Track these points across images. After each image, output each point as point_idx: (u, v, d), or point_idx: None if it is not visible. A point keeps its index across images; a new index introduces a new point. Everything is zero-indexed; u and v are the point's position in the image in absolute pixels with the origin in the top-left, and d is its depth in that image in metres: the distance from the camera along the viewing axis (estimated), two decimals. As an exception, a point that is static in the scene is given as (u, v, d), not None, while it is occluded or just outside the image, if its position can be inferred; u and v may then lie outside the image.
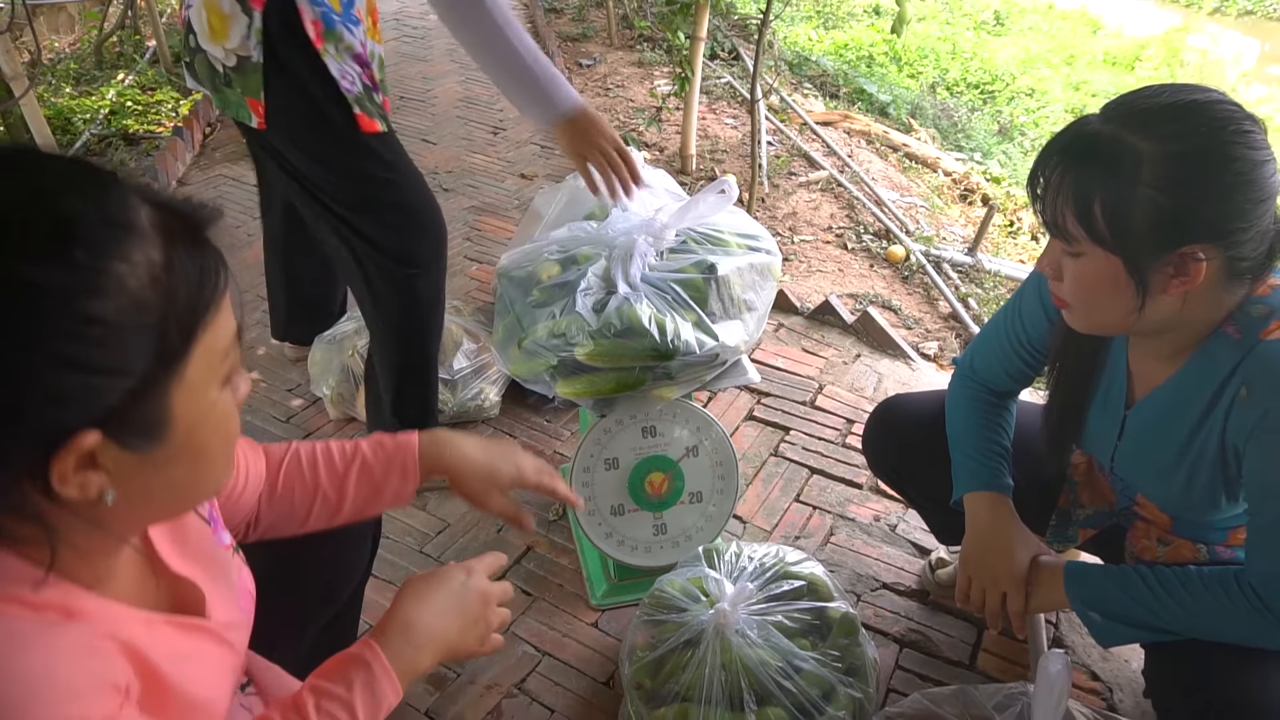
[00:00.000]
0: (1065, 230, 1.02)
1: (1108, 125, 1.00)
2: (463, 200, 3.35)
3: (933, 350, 2.67)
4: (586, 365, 1.47)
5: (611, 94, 4.39)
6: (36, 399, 0.55)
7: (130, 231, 0.57)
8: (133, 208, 0.58)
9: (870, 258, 3.25)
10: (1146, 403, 1.19)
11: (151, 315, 0.57)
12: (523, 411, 2.25)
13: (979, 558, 1.34)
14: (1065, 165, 1.02)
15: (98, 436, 0.57)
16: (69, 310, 0.54)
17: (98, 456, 0.58)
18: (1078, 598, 1.21)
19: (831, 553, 1.85)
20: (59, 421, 0.56)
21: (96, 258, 0.55)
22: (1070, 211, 1.01)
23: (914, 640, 1.66)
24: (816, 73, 5.45)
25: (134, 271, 0.56)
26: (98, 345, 0.55)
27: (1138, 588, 1.14)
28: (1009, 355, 1.38)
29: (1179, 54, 9.26)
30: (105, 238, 0.56)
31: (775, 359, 2.46)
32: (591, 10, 5.65)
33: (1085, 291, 1.06)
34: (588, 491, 1.62)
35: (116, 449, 0.59)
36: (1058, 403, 1.31)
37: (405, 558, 1.83)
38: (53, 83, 4.17)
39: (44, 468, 0.57)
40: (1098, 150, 0.99)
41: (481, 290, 2.75)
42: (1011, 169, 4.94)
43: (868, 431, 1.62)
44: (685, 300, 1.50)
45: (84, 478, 0.59)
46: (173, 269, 0.58)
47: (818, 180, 3.69)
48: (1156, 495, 1.26)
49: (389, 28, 5.39)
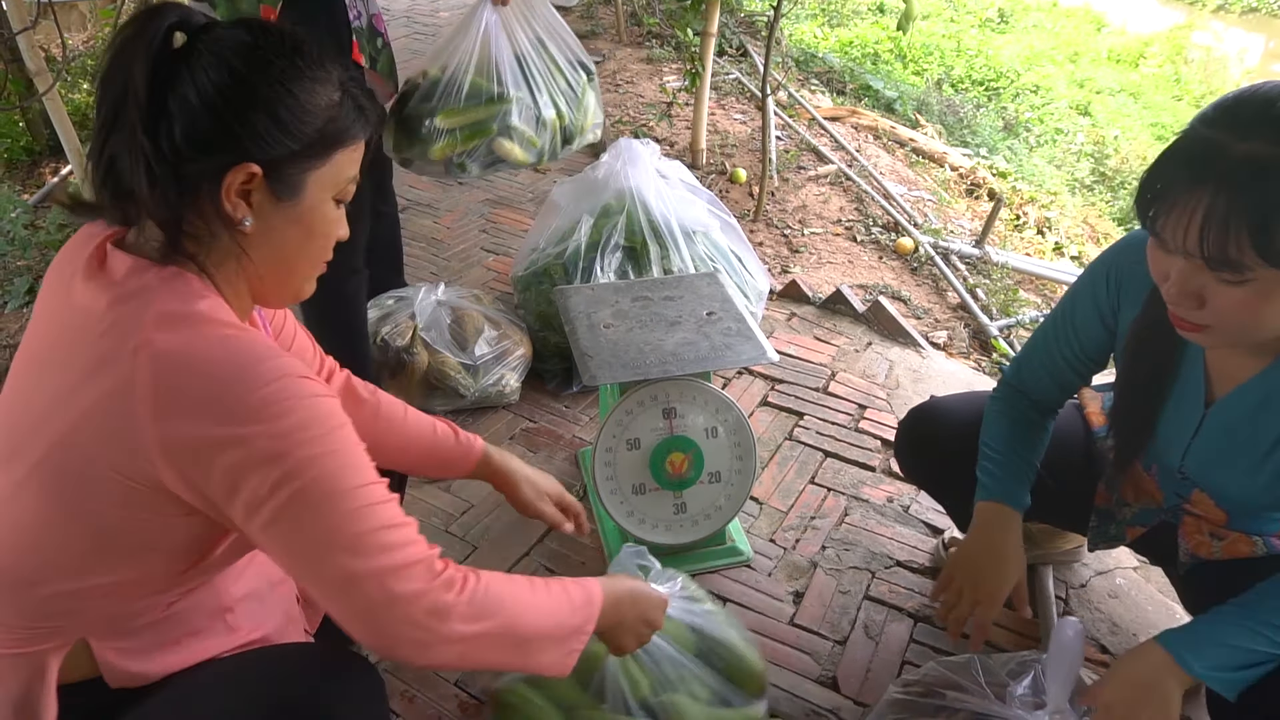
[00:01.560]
0: (1236, 261, 0.94)
1: (1261, 146, 0.92)
2: (478, 194, 3.40)
3: (942, 339, 2.72)
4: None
5: (621, 90, 4.43)
6: (247, 128, 0.84)
7: (328, 76, 0.89)
8: (331, 69, 0.90)
9: (879, 250, 3.29)
10: (1231, 400, 1.17)
11: (320, 119, 0.88)
12: (542, 397, 2.30)
13: (970, 562, 1.34)
14: (1231, 197, 0.93)
15: (259, 171, 0.86)
16: (286, 85, 0.85)
17: (252, 191, 0.86)
18: (1197, 665, 1.10)
19: (846, 532, 1.90)
20: (250, 146, 0.84)
21: (308, 69, 0.88)
22: (1247, 242, 0.93)
23: (928, 615, 1.71)
24: (823, 69, 5.49)
25: (322, 89, 0.89)
26: (290, 111, 0.86)
27: (1246, 623, 1.10)
28: (1060, 366, 1.37)
29: (1183, 51, 9.30)
30: (315, 65, 0.88)
31: (789, 347, 2.51)
32: (600, 7, 5.70)
33: (1245, 314, 0.99)
34: (610, 470, 1.67)
35: (265, 190, 0.87)
36: (1129, 410, 1.28)
37: (431, 536, 1.84)
38: (69, 79, 4.21)
39: (219, 181, 0.84)
40: (1265, 172, 0.92)
41: (499, 281, 2.80)
42: (1017, 164, 4.99)
43: (900, 439, 1.62)
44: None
45: (237, 202, 0.86)
46: (342, 105, 0.90)
47: (826, 174, 3.73)
48: (1229, 492, 1.24)
49: (399, 25, 5.44)
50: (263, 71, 0.84)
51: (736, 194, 3.52)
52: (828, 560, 1.83)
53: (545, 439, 2.18)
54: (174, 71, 0.83)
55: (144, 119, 0.81)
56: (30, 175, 3.71)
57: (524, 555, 1.84)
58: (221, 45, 0.84)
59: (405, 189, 3.49)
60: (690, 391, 1.66)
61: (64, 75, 4.04)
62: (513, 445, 2.15)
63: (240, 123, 0.83)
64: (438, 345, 2.21)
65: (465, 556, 1.83)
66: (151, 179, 0.83)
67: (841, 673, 1.59)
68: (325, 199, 0.92)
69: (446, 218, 3.27)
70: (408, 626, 0.85)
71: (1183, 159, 0.98)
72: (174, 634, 0.95)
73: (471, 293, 2.42)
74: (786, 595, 1.76)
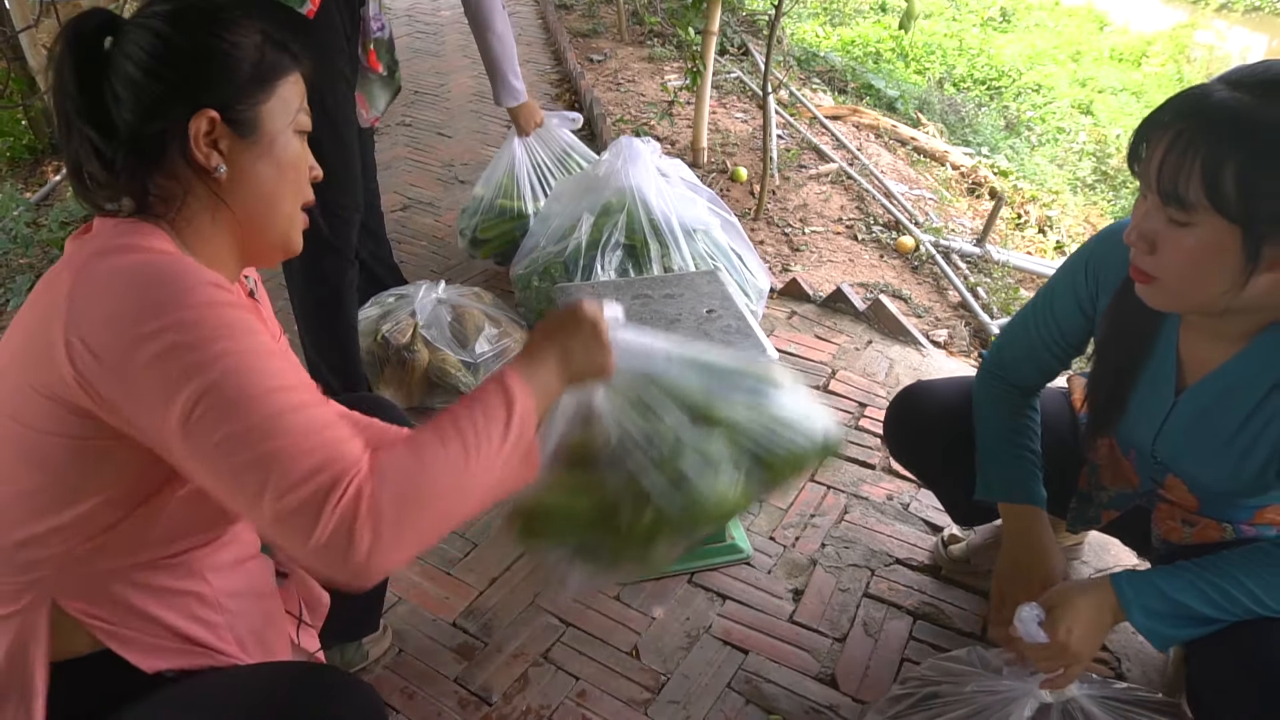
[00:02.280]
0: (1183, 198, 0.98)
1: (1240, 95, 0.97)
2: (478, 192, 3.40)
3: (943, 337, 2.72)
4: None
5: (623, 89, 4.44)
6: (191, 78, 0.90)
7: (247, 22, 0.95)
8: (246, 18, 0.96)
9: (880, 248, 3.29)
10: (1202, 387, 1.19)
11: (253, 54, 0.94)
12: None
13: (1013, 574, 1.35)
14: (1195, 132, 0.97)
15: (217, 115, 0.91)
16: (213, 32, 0.92)
17: (217, 137, 0.91)
18: (1136, 605, 1.16)
19: (846, 530, 1.90)
20: (197, 93, 0.90)
21: (226, 15, 0.94)
22: (1197, 178, 0.97)
23: (927, 613, 1.71)
24: (824, 68, 5.49)
25: (243, 30, 0.94)
26: (223, 54, 0.92)
27: (1197, 583, 1.13)
28: (1039, 351, 1.39)
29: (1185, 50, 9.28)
30: (229, 12, 0.94)
31: (789, 345, 2.51)
32: (601, 7, 5.70)
33: (1187, 264, 1.03)
34: (610, 468, 1.67)
35: (227, 134, 0.92)
36: (1102, 391, 1.31)
37: None
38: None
39: (184, 132, 0.89)
40: (1236, 119, 0.96)
41: (500, 279, 2.80)
42: (1019, 163, 4.98)
43: (888, 419, 1.63)
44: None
45: (209, 151, 0.91)
46: (266, 43, 0.96)
47: (828, 173, 3.73)
48: (1199, 477, 1.26)
49: (402, 24, 5.45)
50: (188, 27, 0.91)
51: (737, 192, 3.52)
52: (827, 558, 1.83)
53: (545, 437, 2.18)
54: (108, 58, 0.89)
55: (78, 109, 0.88)
56: (33, 173, 3.71)
57: (524, 553, 1.84)
58: (143, 20, 0.91)
59: (407, 187, 3.49)
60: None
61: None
62: (513, 443, 2.16)
63: (183, 75, 0.90)
64: (438, 343, 2.22)
65: (465, 554, 1.84)
66: (103, 160, 0.89)
67: (840, 670, 1.60)
68: (284, 130, 0.97)
69: (448, 215, 3.28)
70: (329, 549, 0.76)
71: (1176, 99, 1.02)
72: (149, 607, 0.94)
73: (472, 290, 2.42)
74: (786, 593, 1.76)
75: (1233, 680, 1.12)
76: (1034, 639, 1.19)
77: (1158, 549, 1.39)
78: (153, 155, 0.90)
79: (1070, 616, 1.18)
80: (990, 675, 1.30)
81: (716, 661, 1.61)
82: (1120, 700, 1.27)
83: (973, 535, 1.80)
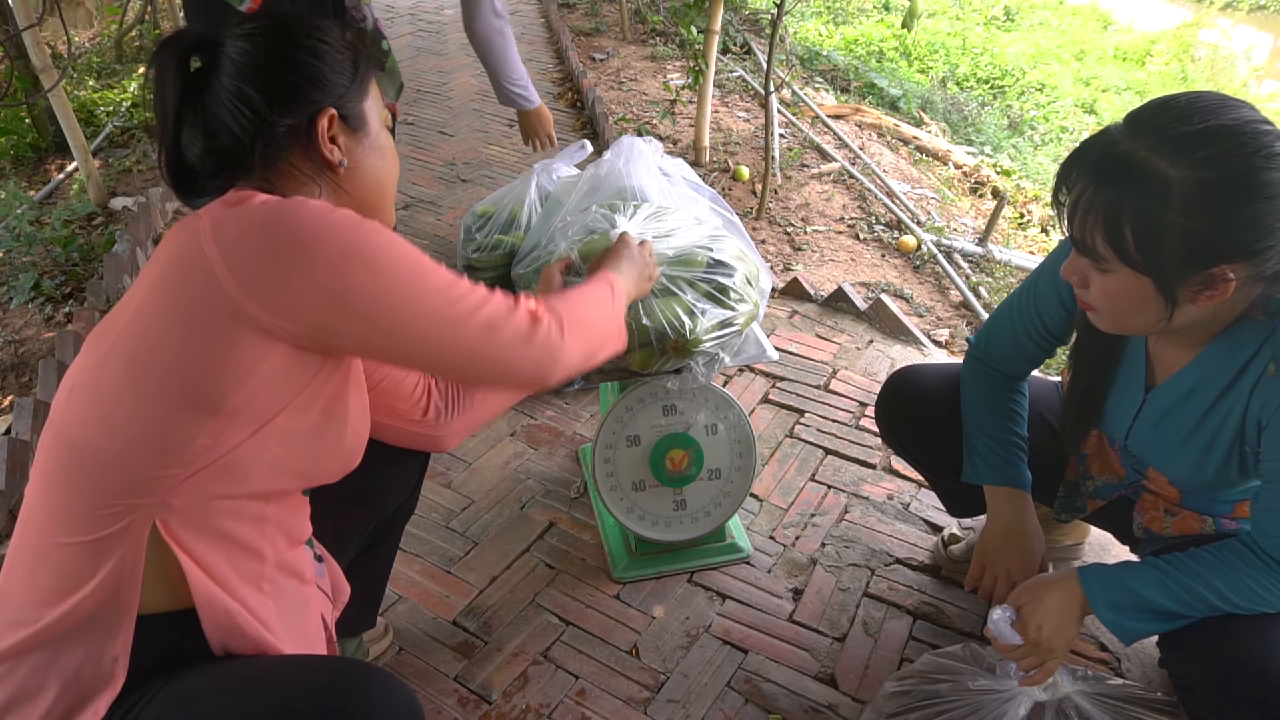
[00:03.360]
0: (1094, 250, 1.03)
1: (1138, 146, 0.98)
2: (480, 190, 3.41)
3: (944, 337, 2.72)
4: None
5: (625, 88, 4.44)
6: (309, 81, 0.99)
7: (332, 24, 1.06)
8: (336, 28, 1.06)
9: (882, 247, 3.29)
10: (1168, 386, 1.22)
11: (350, 53, 1.04)
12: (542, 394, 2.30)
13: (996, 550, 1.41)
14: (1095, 185, 1.01)
15: (335, 113, 1.01)
16: (316, 38, 1.01)
17: (336, 132, 1.01)
18: (1101, 599, 1.18)
19: (846, 529, 1.90)
20: (317, 93, 1.00)
21: (317, 23, 1.04)
22: (1100, 233, 1.01)
23: (926, 612, 1.71)
24: (827, 67, 5.48)
25: (335, 32, 1.04)
26: (330, 56, 1.01)
27: (1162, 578, 1.14)
28: (1022, 340, 1.42)
29: (1190, 49, 9.26)
30: (317, 21, 1.04)
31: (790, 344, 2.51)
32: (604, 5, 5.70)
33: (1113, 303, 1.08)
34: (610, 467, 1.68)
35: (344, 130, 1.03)
36: (1079, 387, 1.35)
37: (431, 532, 1.89)
38: (74, 76, 4.23)
39: (308, 131, 0.99)
40: (1129, 173, 0.98)
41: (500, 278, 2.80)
42: (1022, 162, 4.97)
43: (880, 402, 1.65)
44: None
45: (332, 148, 1.01)
46: (356, 40, 1.06)
47: (830, 172, 3.73)
48: (1168, 470, 1.30)
49: (404, 22, 5.45)
50: (295, 35, 1.01)
51: (739, 191, 3.52)
52: (827, 557, 1.83)
53: (546, 435, 2.18)
54: (213, 67, 0.99)
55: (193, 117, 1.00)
56: (36, 171, 3.72)
57: (524, 551, 1.84)
58: (249, 33, 0.99)
59: (409, 186, 3.50)
60: (690, 389, 1.67)
61: (70, 72, 4.06)
62: (514, 442, 2.16)
63: (305, 77, 1.00)
64: (439, 342, 2.22)
65: (465, 553, 1.84)
66: (221, 162, 0.99)
67: (840, 669, 1.60)
68: (380, 125, 1.09)
69: (449, 214, 3.28)
70: (532, 363, 1.03)
71: (1085, 147, 1.05)
72: (250, 542, 0.96)
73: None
74: (786, 592, 1.76)
75: (1206, 683, 1.14)
76: (1008, 640, 1.22)
77: (1139, 538, 1.42)
78: (278, 154, 0.99)
79: (1040, 614, 1.22)
80: (985, 673, 1.32)
81: (716, 661, 1.62)
82: (1116, 698, 1.27)
83: (972, 535, 1.80)
